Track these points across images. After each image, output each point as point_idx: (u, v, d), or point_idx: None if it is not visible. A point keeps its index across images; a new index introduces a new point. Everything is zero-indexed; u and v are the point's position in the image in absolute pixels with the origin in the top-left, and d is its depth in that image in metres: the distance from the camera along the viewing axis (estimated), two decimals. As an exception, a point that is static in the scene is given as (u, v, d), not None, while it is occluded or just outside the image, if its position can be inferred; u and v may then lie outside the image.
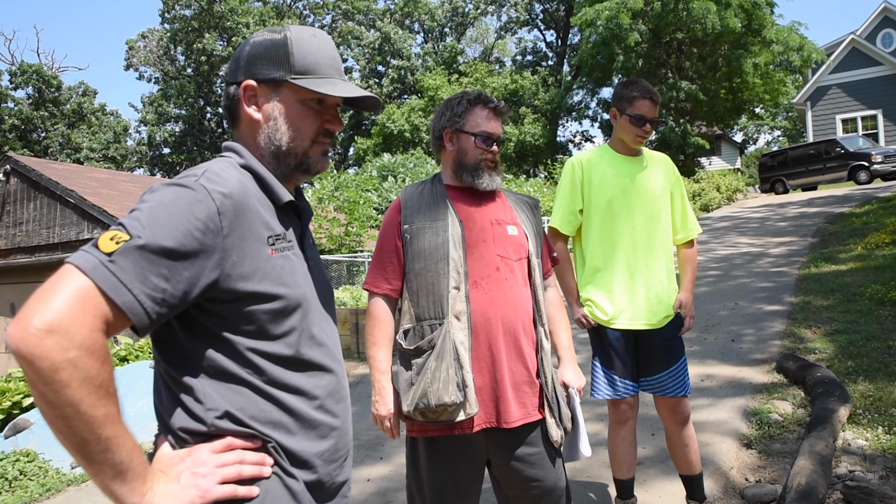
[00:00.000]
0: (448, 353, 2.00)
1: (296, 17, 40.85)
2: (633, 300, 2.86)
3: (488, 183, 2.21)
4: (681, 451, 3.00)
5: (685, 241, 3.06)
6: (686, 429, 2.97)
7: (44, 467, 5.62)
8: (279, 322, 1.23)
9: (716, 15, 21.10)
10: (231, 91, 1.33)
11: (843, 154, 20.96)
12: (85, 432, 0.98)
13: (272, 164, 1.34)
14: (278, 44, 1.32)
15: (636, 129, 2.88)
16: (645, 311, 2.87)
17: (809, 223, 13.14)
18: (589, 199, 2.95)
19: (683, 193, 3.06)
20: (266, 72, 1.31)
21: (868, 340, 5.44)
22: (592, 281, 2.95)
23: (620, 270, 2.88)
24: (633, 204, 2.89)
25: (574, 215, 3.00)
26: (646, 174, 2.95)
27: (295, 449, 1.24)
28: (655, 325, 2.88)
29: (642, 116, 2.85)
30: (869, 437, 3.76)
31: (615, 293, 2.88)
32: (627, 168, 2.95)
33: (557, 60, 38.79)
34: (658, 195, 2.93)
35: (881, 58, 25.12)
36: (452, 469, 2.11)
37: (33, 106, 38.46)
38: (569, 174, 3.02)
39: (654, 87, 2.93)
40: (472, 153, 2.20)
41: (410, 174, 19.35)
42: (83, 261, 1.03)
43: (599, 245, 2.93)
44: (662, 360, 2.89)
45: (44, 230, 13.44)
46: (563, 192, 3.03)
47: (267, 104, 1.32)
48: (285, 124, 1.32)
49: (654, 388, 2.93)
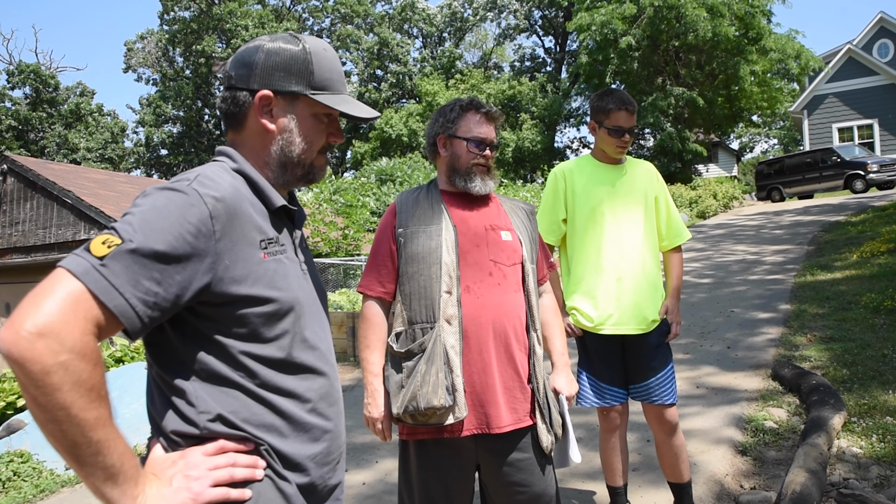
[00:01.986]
0: (438, 356, 2.01)
1: (294, 20, 40.91)
2: (619, 305, 2.86)
3: (481, 187, 2.22)
4: (669, 460, 3.00)
5: (671, 248, 3.06)
6: (675, 437, 2.96)
7: (38, 468, 5.59)
8: (272, 325, 1.23)
9: (708, 22, 21.22)
10: (240, 97, 1.32)
11: (839, 163, 21.07)
12: (76, 435, 0.98)
13: (277, 172, 1.35)
14: (298, 57, 1.32)
15: (615, 141, 2.89)
16: (632, 316, 2.86)
17: (805, 231, 13.18)
18: (573, 208, 2.96)
19: (668, 200, 3.06)
20: (285, 84, 1.31)
21: (863, 349, 5.45)
22: (578, 289, 2.95)
23: (606, 277, 2.87)
24: (618, 211, 2.90)
25: (557, 225, 3.01)
26: (629, 182, 2.96)
27: (287, 452, 1.24)
28: (643, 329, 2.88)
29: (620, 128, 2.86)
30: (863, 445, 3.76)
31: (600, 299, 2.87)
32: (610, 176, 2.96)
33: (556, 67, 38.90)
34: (642, 202, 2.94)
35: (878, 68, 25.26)
36: (442, 473, 2.11)
37: (31, 106, 38.40)
38: (552, 184, 3.04)
39: (629, 96, 2.93)
40: (464, 158, 2.21)
41: (408, 179, 19.36)
42: (75, 265, 1.03)
43: (584, 253, 2.93)
44: (649, 366, 2.89)
45: (40, 230, 13.42)
46: (547, 203, 3.05)
47: (282, 116, 1.32)
48: (299, 136, 1.34)
49: (641, 396, 2.92)
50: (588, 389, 2.94)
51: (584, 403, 2.96)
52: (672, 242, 3.04)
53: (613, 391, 2.91)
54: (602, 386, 2.92)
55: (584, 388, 2.95)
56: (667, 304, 2.94)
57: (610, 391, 2.91)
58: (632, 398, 2.97)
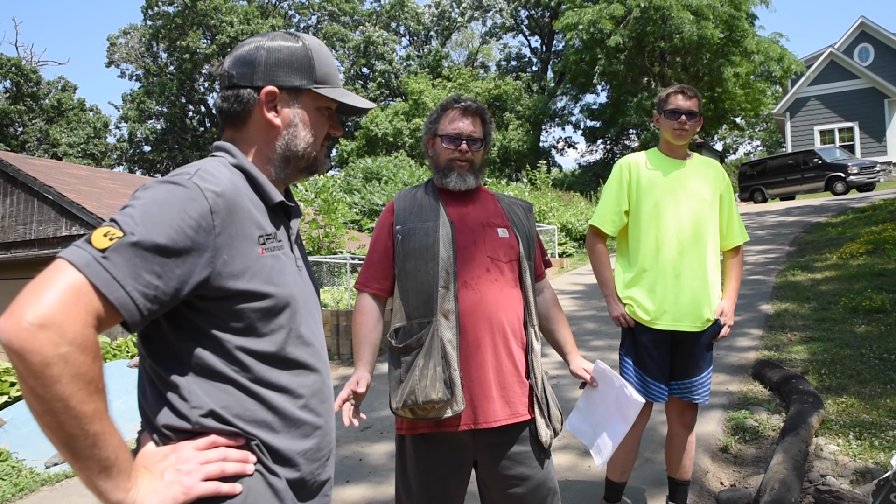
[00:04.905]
0: (436, 350, 2.03)
1: (280, 17, 40.70)
2: (677, 301, 2.84)
3: (457, 183, 2.22)
4: (678, 454, 3.04)
5: (731, 248, 3.03)
6: (690, 434, 3.01)
7: (17, 467, 5.52)
8: (268, 321, 1.24)
9: (693, 24, 21.39)
10: (244, 94, 1.33)
11: (820, 165, 21.33)
12: (73, 428, 0.98)
13: (279, 167, 1.37)
14: (300, 53, 1.35)
15: (672, 123, 2.89)
16: (688, 313, 2.84)
17: (787, 232, 13.33)
18: (637, 200, 2.95)
19: (732, 199, 3.03)
20: (289, 79, 1.34)
21: (842, 348, 5.55)
22: (638, 282, 2.92)
23: (665, 272, 2.85)
24: (681, 206, 2.88)
25: (619, 216, 2.99)
26: (694, 177, 2.94)
27: (278, 447, 1.25)
28: (697, 327, 2.86)
29: (676, 109, 2.88)
30: (841, 442, 3.83)
31: (659, 294, 2.85)
32: (676, 170, 2.94)
33: (541, 66, 39.03)
34: (706, 199, 2.91)
35: (858, 71, 25.61)
36: (439, 467, 2.13)
37: (11, 100, 37.85)
38: (616, 175, 3.02)
39: (691, 86, 2.97)
40: (442, 154, 2.25)
41: (393, 177, 19.33)
42: (76, 256, 1.03)
43: (645, 246, 2.91)
44: (697, 364, 2.89)
45: (20, 226, 13.24)
46: (610, 193, 3.03)
47: (287, 110, 1.35)
48: (304, 130, 1.37)
49: (683, 392, 2.92)
50: (634, 381, 2.90)
51: None
52: (732, 242, 3.01)
53: (658, 387, 2.89)
54: (648, 381, 2.89)
55: (630, 379, 2.90)
56: (723, 305, 2.91)
57: (655, 387, 2.89)
58: (671, 394, 2.95)
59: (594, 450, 2.39)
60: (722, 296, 2.97)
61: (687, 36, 21.47)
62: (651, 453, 3.92)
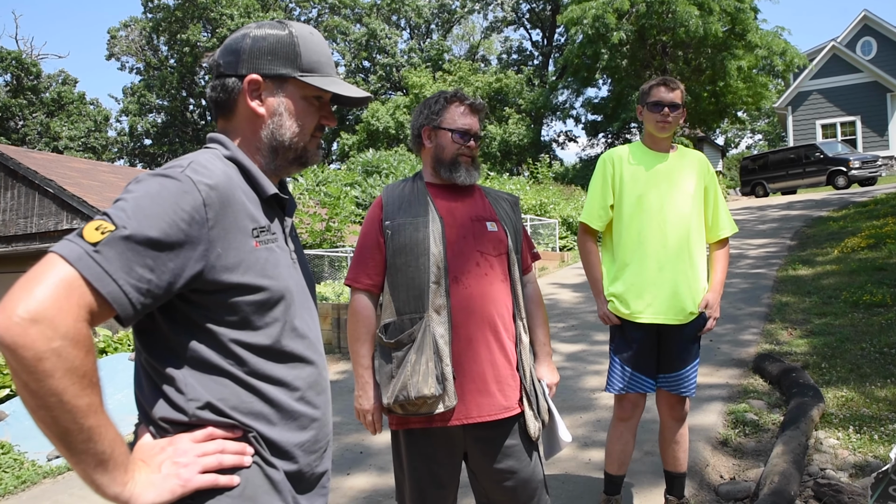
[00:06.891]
0: (428, 346, 2.03)
1: (281, 10, 40.56)
2: (659, 294, 2.83)
3: (466, 177, 2.24)
4: (671, 448, 3.04)
5: (717, 240, 3.03)
6: (682, 427, 3.02)
7: (19, 459, 5.54)
8: (262, 314, 1.24)
9: (699, 19, 21.31)
10: (229, 83, 1.32)
11: (822, 159, 21.30)
12: (68, 422, 0.98)
13: (268, 157, 1.35)
14: (284, 40, 1.33)
15: (655, 115, 2.88)
16: (671, 307, 2.83)
17: (788, 226, 13.31)
18: (620, 194, 2.94)
19: (718, 192, 3.01)
20: (273, 67, 1.32)
21: (842, 342, 5.55)
22: (621, 276, 2.92)
23: (649, 265, 2.85)
24: (665, 199, 2.87)
25: (605, 210, 2.99)
26: (678, 170, 2.93)
27: (276, 439, 1.25)
28: (680, 320, 2.85)
29: (658, 101, 2.87)
30: (840, 436, 3.83)
31: (642, 287, 2.85)
32: (659, 163, 2.93)
33: (543, 60, 38.90)
34: (689, 192, 2.90)
35: (860, 65, 25.53)
36: (430, 461, 2.14)
37: (11, 93, 37.79)
38: (601, 170, 3.01)
39: (673, 78, 2.96)
40: (449, 148, 2.23)
41: (394, 171, 19.31)
42: (68, 250, 1.02)
43: (628, 240, 2.90)
44: (681, 358, 2.90)
45: (21, 220, 13.25)
46: (595, 188, 3.03)
47: (271, 99, 1.33)
48: (290, 119, 1.34)
49: (670, 385, 2.92)
50: (618, 375, 2.93)
51: (612, 390, 2.97)
52: (719, 234, 3.00)
53: (643, 380, 2.90)
54: (633, 374, 2.90)
55: (615, 374, 2.94)
56: (707, 298, 2.90)
57: (639, 379, 2.90)
58: (659, 387, 2.96)
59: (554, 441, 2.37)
60: (707, 288, 2.96)
61: (692, 30, 21.37)
62: (650, 446, 3.92)
